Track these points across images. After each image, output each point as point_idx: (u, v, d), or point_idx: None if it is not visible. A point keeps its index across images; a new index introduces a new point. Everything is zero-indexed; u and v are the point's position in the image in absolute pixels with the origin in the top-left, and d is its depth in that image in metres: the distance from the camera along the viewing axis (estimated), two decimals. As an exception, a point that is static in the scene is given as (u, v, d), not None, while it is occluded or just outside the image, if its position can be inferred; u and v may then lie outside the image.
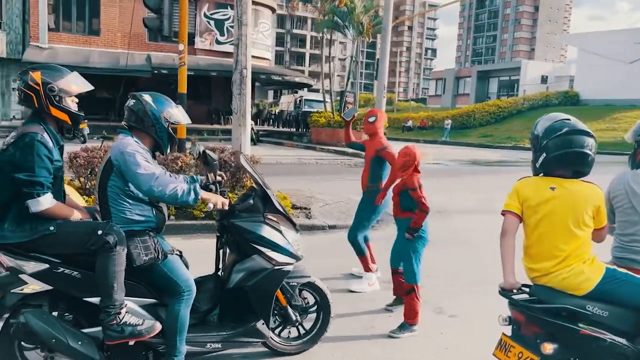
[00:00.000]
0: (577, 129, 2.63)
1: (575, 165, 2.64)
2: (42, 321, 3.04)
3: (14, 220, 2.98)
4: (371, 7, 22.00)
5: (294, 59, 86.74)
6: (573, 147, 2.59)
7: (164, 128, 3.27)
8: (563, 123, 2.67)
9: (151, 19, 8.24)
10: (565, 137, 2.61)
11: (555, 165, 2.65)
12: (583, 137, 2.61)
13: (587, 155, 2.61)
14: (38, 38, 23.05)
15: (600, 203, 2.64)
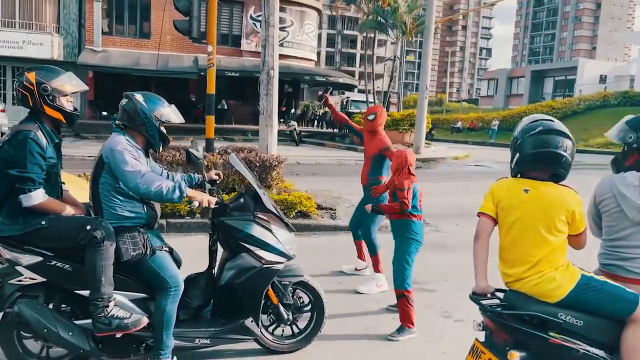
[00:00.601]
0: (551, 129, 2.53)
1: (549, 166, 2.54)
2: (34, 311, 3.18)
3: (8, 215, 3.13)
4: (415, 7, 21.72)
5: (345, 60, 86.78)
6: (546, 147, 2.49)
7: (155, 127, 3.35)
8: (539, 123, 2.57)
9: (181, 22, 8.44)
10: (538, 136, 2.51)
11: (529, 165, 2.56)
12: (558, 138, 2.50)
13: (561, 156, 2.50)
14: (92, 42, 24.06)
15: (576, 207, 2.51)
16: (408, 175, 4.24)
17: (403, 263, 4.23)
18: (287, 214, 7.74)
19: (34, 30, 24.05)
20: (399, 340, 4.14)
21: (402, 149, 4.43)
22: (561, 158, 2.50)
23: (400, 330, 4.19)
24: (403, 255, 4.25)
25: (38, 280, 3.25)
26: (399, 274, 4.22)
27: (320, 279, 5.50)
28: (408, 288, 4.20)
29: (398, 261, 4.26)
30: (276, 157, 8.10)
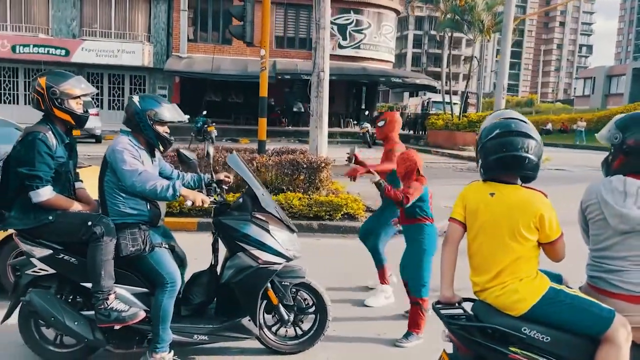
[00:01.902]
0: (509, 131, 2.34)
1: (513, 170, 2.35)
2: (44, 301, 3.40)
3: (20, 210, 3.37)
4: (494, 4, 20.88)
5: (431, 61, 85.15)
6: (505, 150, 2.31)
7: (149, 126, 3.45)
8: (497, 124, 2.40)
9: (235, 27, 8.68)
10: (496, 140, 2.35)
11: (493, 170, 2.39)
12: (516, 139, 2.32)
13: (523, 158, 2.31)
14: (179, 49, 25.34)
15: (545, 212, 2.30)
16: (418, 177, 4.08)
17: (419, 270, 4.08)
18: (333, 216, 7.73)
19: (128, 40, 25.74)
20: (406, 346, 4.01)
21: (407, 150, 4.26)
22: (523, 160, 2.32)
23: (407, 336, 4.07)
24: (417, 262, 4.10)
25: (50, 271, 3.48)
26: (415, 282, 4.09)
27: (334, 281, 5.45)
28: (424, 297, 4.05)
29: (413, 269, 4.11)
30: (324, 159, 8.11)
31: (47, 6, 25.54)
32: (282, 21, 26.54)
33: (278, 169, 8.08)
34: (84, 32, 25.59)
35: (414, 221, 4.13)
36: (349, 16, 26.21)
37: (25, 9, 25.34)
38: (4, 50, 24.58)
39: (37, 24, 25.38)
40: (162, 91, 26.66)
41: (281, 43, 26.69)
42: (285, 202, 7.65)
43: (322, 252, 6.70)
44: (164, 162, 3.80)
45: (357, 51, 26.42)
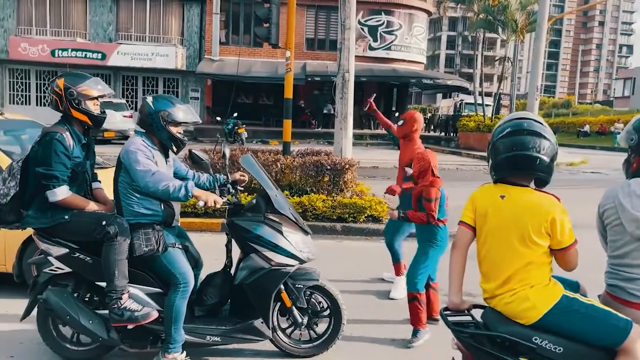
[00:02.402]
0: (521, 129, 2.23)
1: (523, 171, 2.24)
2: (60, 299, 3.43)
3: (37, 209, 3.41)
4: (528, 3, 20.40)
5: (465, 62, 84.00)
6: (515, 149, 2.20)
7: (162, 127, 3.45)
8: (508, 124, 2.29)
9: (261, 29, 8.70)
10: (507, 139, 2.25)
11: (503, 170, 2.28)
12: (527, 138, 2.21)
13: (534, 159, 2.20)
14: (211, 51, 25.63)
15: (556, 216, 2.18)
16: (433, 179, 3.99)
17: (419, 266, 4.05)
18: (357, 218, 7.66)
19: (161, 43, 26.18)
20: (417, 345, 4.00)
21: (423, 150, 4.17)
22: (534, 160, 2.21)
23: (415, 334, 4.03)
24: (421, 258, 4.07)
25: (66, 270, 3.52)
26: (412, 276, 4.04)
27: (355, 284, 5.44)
28: (420, 291, 4.01)
29: (414, 264, 4.08)
30: (348, 161, 8.04)
31: (85, 11, 26.20)
32: (312, 23, 26.56)
33: (302, 171, 8.05)
34: (119, 36, 26.15)
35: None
36: (379, 17, 26.05)
37: (64, 15, 26.05)
38: (44, 54, 25.32)
39: (75, 29, 26.06)
40: (194, 93, 27.03)
41: (312, 45, 26.71)
42: (308, 203, 7.61)
43: (343, 254, 6.64)
44: (179, 162, 3.80)
45: (387, 52, 26.24)
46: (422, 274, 4.04)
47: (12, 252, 4.59)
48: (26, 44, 25.38)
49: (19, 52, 25.29)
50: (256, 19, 8.62)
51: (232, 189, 3.78)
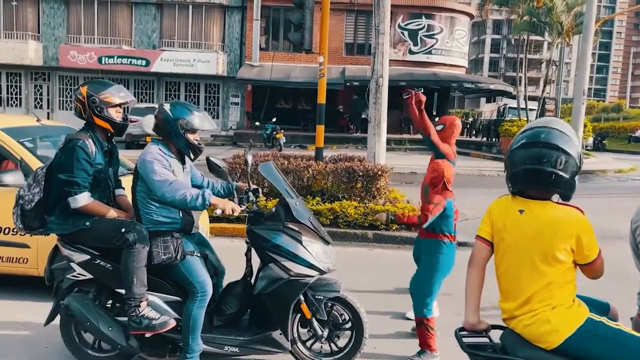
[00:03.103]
0: (536, 141, 2.07)
1: (540, 186, 2.08)
2: (81, 305, 3.45)
3: (60, 215, 3.44)
4: (575, 5, 19.72)
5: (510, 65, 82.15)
6: (529, 162, 2.05)
7: (180, 135, 3.41)
8: (526, 133, 2.13)
9: (294, 34, 8.68)
10: (521, 150, 2.09)
11: (518, 183, 2.13)
12: (543, 152, 2.05)
13: (548, 174, 2.03)
14: (251, 57, 25.89)
15: (582, 232, 2.01)
16: (442, 191, 3.82)
17: (425, 288, 3.87)
18: (390, 226, 7.50)
19: (203, 49, 26.62)
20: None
21: (439, 160, 4.01)
22: (548, 176, 2.05)
23: (420, 354, 3.85)
24: (426, 280, 3.88)
25: (88, 276, 3.54)
26: (418, 300, 3.86)
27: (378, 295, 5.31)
28: (428, 316, 3.82)
29: (418, 286, 3.90)
30: (381, 167, 7.90)
31: (130, 20, 26.93)
32: (352, 28, 26.47)
33: (334, 177, 7.96)
34: (163, 43, 26.74)
35: (434, 236, 3.89)
36: (420, 21, 25.73)
37: (110, 23, 26.85)
38: (91, 61, 26.16)
39: (121, 37, 26.80)
40: (234, 99, 27.35)
41: (351, 50, 26.63)
42: (340, 210, 7.52)
43: (373, 262, 6.51)
44: (195, 170, 3.77)
45: (428, 56, 25.87)
46: (430, 299, 3.86)
47: (44, 257, 4.67)
48: (75, 52, 26.28)
49: (68, 59, 26.22)
50: (287, 25, 8.57)
51: (253, 196, 3.72)
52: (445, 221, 3.86)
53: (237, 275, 3.81)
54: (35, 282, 4.84)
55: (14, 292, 4.96)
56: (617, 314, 2.27)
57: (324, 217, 7.50)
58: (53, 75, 27.46)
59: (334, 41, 25.67)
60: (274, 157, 8.31)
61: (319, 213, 7.52)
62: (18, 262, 4.78)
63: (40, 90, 27.83)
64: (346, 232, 7.45)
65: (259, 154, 9.01)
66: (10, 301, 4.78)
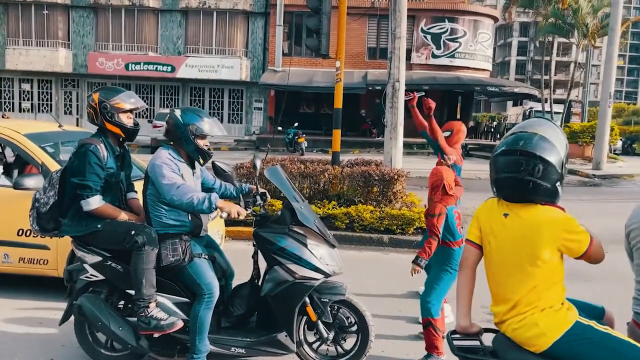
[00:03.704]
0: (513, 150, 2.08)
1: (519, 194, 2.08)
2: (93, 305, 3.55)
3: (73, 217, 3.56)
4: (601, 6, 19.36)
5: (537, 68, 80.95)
6: (507, 171, 2.08)
7: (190, 140, 3.49)
8: (506, 140, 2.14)
9: (311, 40, 8.75)
10: (500, 157, 2.11)
11: (500, 190, 2.14)
12: (519, 160, 2.06)
13: (526, 182, 2.04)
14: (274, 63, 26.10)
15: (564, 231, 2.03)
16: (442, 197, 3.83)
17: (432, 291, 3.87)
18: (405, 230, 7.49)
19: (227, 56, 26.96)
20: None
21: (438, 166, 4.02)
22: (527, 184, 2.05)
23: (427, 358, 3.85)
24: (434, 284, 3.90)
25: (100, 277, 3.64)
26: (425, 302, 3.87)
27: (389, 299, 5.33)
28: (435, 316, 3.82)
29: (427, 290, 3.91)
30: (397, 171, 7.89)
31: (156, 27, 27.43)
32: (374, 33, 26.47)
33: (350, 181, 7.99)
34: (188, 50, 27.15)
35: (441, 244, 3.88)
36: (443, 25, 25.60)
37: (137, 30, 27.38)
38: (119, 68, 26.74)
39: (147, 43, 27.31)
40: (258, 104, 27.59)
41: (373, 54, 26.63)
42: (356, 214, 7.53)
43: (386, 266, 6.51)
44: (206, 173, 3.84)
45: (451, 60, 25.71)
46: (435, 299, 3.87)
47: (63, 258, 4.80)
48: (103, 59, 26.91)
49: (96, 66, 26.86)
50: (308, 30, 8.66)
51: (260, 199, 3.78)
52: (448, 229, 3.87)
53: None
54: (56, 282, 4.98)
55: (36, 293, 5.11)
56: (612, 319, 2.25)
57: (340, 221, 7.53)
58: (82, 82, 28.14)
59: (356, 45, 25.75)
60: (291, 162, 8.37)
61: (335, 217, 7.56)
62: (39, 263, 4.93)
63: (69, 97, 28.55)
64: (361, 236, 7.46)
65: (276, 158, 9.10)
66: (32, 301, 4.93)
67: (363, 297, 4.55)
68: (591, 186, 14.97)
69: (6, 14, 27.26)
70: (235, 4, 26.64)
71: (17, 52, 27.03)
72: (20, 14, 27.21)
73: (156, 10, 27.13)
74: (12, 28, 27.31)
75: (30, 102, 28.41)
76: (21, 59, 26.98)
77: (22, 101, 28.50)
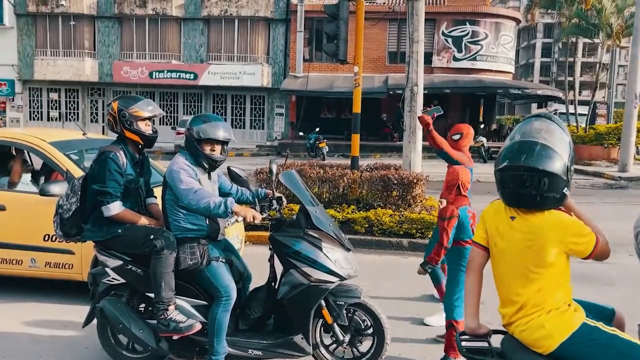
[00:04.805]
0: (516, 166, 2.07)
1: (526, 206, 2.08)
2: (115, 308, 3.65)
3: (94, 223, 3.67)
4: (626, 6, 19.03)
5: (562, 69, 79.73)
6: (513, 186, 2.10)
7: (193, 145, 3.56)
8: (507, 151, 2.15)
9: (329, 45, 8.82)
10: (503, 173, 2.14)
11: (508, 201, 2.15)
12: (524, 176, 2.07)
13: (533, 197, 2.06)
14: (295, 69, 26.26)
15: (569, 233, 2.03)
16: (455, 198, 3.83)
17: (453, 294, 3.87)
18: (425, 234, 7.48)
19: (248, 62, 27.20)
20: None
21: (455, 166, 4.01)
22: (534, 198, 2.05)
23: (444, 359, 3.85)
24: (454, 284, 3.88)
25: (121, 281, 3.74)
26: (448, 304, 3.88)
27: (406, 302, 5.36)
28: (457, 319, 3.81)
29: (449, 291, 3.89)
30: (416, 175, 7.89)
31: (179, 35, 27.83)
32: (395, 37, 26.43)
33: (369, 185, 8.01)
34: (210, 57, 27.48)
35: (454, 244, 3.89)
36: (464, 28, 25.43)
37: (161, 39, 27.82)
38: (143, 76, 27.21)
39: (170, 52, 27.72)
40: (279, 110, 27.75)
41: (394, 58, 26.56)
42: (375, 218, 7.55)
43: (406, 269, 6.49)
44: (223, 178, 3.91)
45: (473, 63, 25.50)
46: (458, 301, 3.86)
47: (87, 262, 4.93)
48: (127, 68, 27.41)
49: (121, 75, 27.37)
50: (327, 36, 8.73)
51: (276, 204, 3.84)
52: (462, 229, 3.87)
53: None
54: (81, 286, 5.12)
55: (61, 296, 5.25)
56: (622, 320, 2.24)
57: (359, 226, 7.56)
58: (107, 91, 28.69)
59: (376, 50, 25.75)
60: (310, 166, 8.43)
61: (354, 221, 7.59)
62: (64, 267, 5.07)
63: (95, 105, 29.12)
64: (381, 240, 7.47)
65: (296, 164, 9.17)
66: (57, 304, 5.07)
67: (381, 300, 4.61)
68: (617, 189, 14.69)
69: (34, 25, 27.98)
70: (257, 11, 26.89)
71: (45, 63, 27.70)
72: (48, 25, 27.89)
73: (179, 19, 27.55)
74: (40, 39, 28.00)
75: (57, 111, 29.06)
76: (49, 69, 27.65)
77: (50, 110, 29.17)
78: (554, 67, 78.55)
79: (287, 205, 4.26)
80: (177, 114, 28.28)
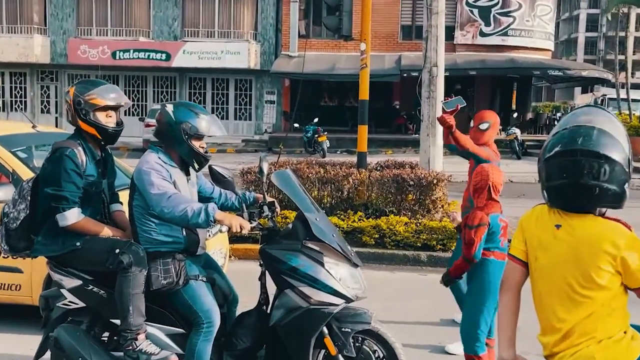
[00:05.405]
0: (573, 150, 2.06)
1: (580, 203, 2.09)
2: (72, 338, 3.63)
3: (47, 234, 3.65)
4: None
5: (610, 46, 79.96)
6: (566, 176, 2.06)
7: (182, 140, 3.55)
8: (561, 135, 2.12)
9: (329, 17, 8.83)
10: (556, 160, 2.10)
11: (555, 199, 2.14)
12: (581, 163, 2.03)
13: (591, 188, 2.03)
14: (289, 47, 26.31)
15: (628, 251, 2.01)
16: (486, 203, 3.83)
17: (475, 319, 3.87)
18: (447, 246, 7.49)
19: (232, 39, 27.26)
20: None
21: (484, 164, 4.02)
22: (592, 191, 2.04)
23: None
24: (476, 308, 3.89)
25: (80, 304, 3.73)
26: (468, 334, 3.87)
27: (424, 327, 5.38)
28: (479, 353, 3.82)
29: (468, 315, 3.90)
30: (436, 175, 7.90)
31: (148, 7, 27.84)
32: (409, 9, 26.51)
33: (380, 187, 8.03)
34: (185, 33, 27.52)
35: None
36: (493, -4, 25.53)
37: (126, 12, 27.86)
38: (104, 56, 27.24)
39: (137, 27, 27.75)
40: (269, 96, 27.80)
41: (409, 34, 26.62)
42: (387, 227, 7.57)
43: (424, 289, 6.51)
44: (203, 180, 3.91)
45: (503, 39, 25.54)
46: (480, 331, 3.86)
47: (39, 283, 4.92)
48: (86, 46, 27.43)
49: (78, 55, 27.39)
50: (327, 7, 8.75)
51: (268, 210, 3.84)
52: (491, 237, 3.87)
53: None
54: (30, 311, 5.11)
55: (7, 324, 5.22)
56: None
57: (368, 236, 7.58)
58: (61, 74, 28.72)
59: (387, 24, 25.82)
60: (308, 165, 8.44)
61: (362, 231, 7.61)
62: (10, 289, 5.06)
63: (47, 92, 29.17)
64: (394, 253, 7.49)
65: (291, 162, 9.18)
66: (2, 334, 5.05)
67: (394, 325, 4.60)
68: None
69: (-29, -5, 28.02)
70: (242, -23, 26.99)
71: (-15, 41, 27.72)
72: (-12, -4, 27.93)
73: (148, -13, 27.61)
74: (-22, 12, 28.05)
75: (1, 99, 29.08)
76: (-10, 49, 27.67)
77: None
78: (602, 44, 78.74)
79: (280, 212, 4.24)
80: (145, 102, 28.34)
